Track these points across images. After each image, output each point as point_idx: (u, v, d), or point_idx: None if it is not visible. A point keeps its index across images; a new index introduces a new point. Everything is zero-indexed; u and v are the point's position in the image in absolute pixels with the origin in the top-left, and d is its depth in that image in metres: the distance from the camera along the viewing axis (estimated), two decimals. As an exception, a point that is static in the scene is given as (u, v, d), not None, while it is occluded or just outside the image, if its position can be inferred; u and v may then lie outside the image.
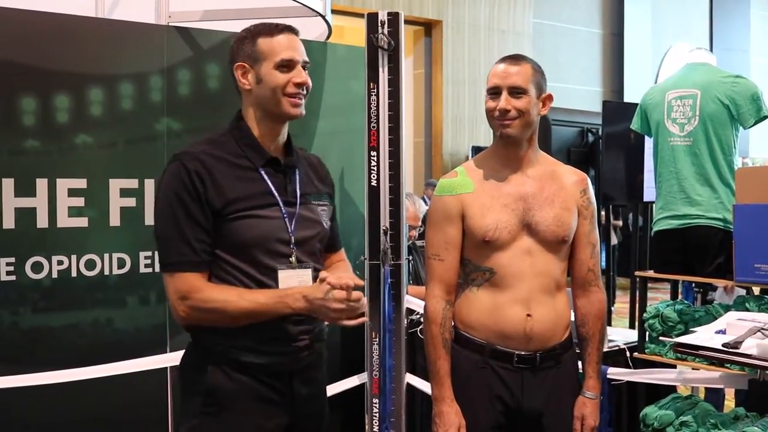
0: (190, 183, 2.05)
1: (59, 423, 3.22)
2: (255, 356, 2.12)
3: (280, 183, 2.17)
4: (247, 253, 2.10)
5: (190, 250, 2.05)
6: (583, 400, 2.52)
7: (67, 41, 3.29)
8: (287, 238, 2.14)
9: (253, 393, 2.13)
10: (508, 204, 2.44)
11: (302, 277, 2.14)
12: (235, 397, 2.11)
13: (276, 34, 2.14)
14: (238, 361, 2.11)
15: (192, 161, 2.07)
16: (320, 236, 2.25)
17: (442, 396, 2.46)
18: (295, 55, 2.14)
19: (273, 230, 2.12)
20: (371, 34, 3.69)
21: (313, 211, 2.24)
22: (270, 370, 2.14)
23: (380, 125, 3.70)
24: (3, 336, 3.15)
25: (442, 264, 2.49)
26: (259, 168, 2.15)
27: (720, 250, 3.60)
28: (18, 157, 3.18)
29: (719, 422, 3.29)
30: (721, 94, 3.67)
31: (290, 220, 2.15)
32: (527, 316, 2.42)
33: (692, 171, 3.71)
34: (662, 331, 3.55)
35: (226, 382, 2.11)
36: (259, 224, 2.10)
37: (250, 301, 2.05)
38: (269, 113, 2.16)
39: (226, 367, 2.11)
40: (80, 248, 3.30)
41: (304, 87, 2.15)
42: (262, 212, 2.11)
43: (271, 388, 2.15)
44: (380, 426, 3.77)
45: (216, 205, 2.06)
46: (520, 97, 2.40)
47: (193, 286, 2.06)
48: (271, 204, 2.13)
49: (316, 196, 2.27)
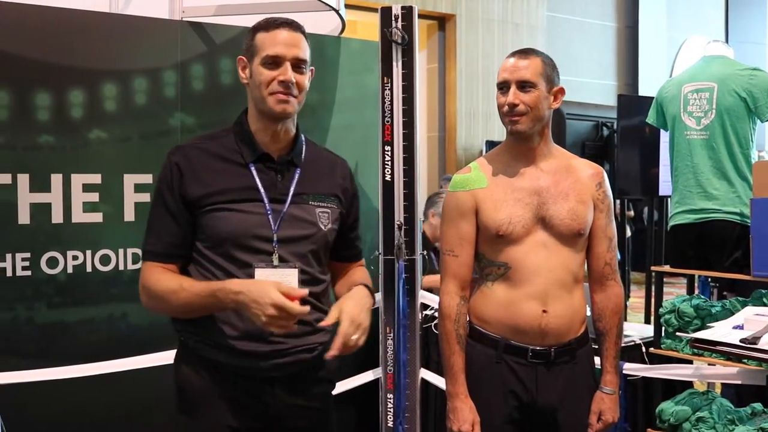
0: (169, 175, 2.09)
1: (74, 417, 3.23)
2: (226, 356, 2.07)
3: (270, 180, 2.11)
4: (222, 247, 2.07)
5: (156, 240, 2.09)
6: (600, 396, 2.51)
7: (81, 37, 3.30)
8: (269, 236, 2.07)
9: (222, 393, 2.08)
10: (522, 198, 2.43)
11: (285, 278, 2.04)
12: (200, 394, 2.09)
13: (272, 29, 2.08)
14: (209, 359, 2.09)
15: (177, 154, 2.11)
16: (314, 238, 2.15)
17: (456, 392, 2.46)
18: (283, 51, 2.06)
19: (250, 226, 2.06)
20: (385, 29, 3.68)
21: (308, 212, 2.14)
22: (241, 372, 2.08)
23: (394, 120, 3.69)
24: (19, 331, 3.17)
25: (457, 260, 2.49)
26: (249, 163, 2.10)
27: (737, 245, 3.57)
28: (33, 152, 3.19)
29: (736, 418, 3.28)
30: (738, 87, 3.64)
31: (276, 217, 2.08)
32: (543, 311, 2.40)
33: (709, 165, 3.68)
34: (678, 327, 3.53)
35: (194, 378, 2.11)
36: (235, 218, 2.05)
37: (189, 292, 2.02)
38: (259, 110, 2.12)
39: (197, 364, 2.10)
40: (95, 243, 3.31)
41: (291, 85, 2.06)
42: (240, 206, 2.06)
43: (243, 391, 2.09)
44: (395, 421, 3.77)
45: (192, 195, 2.06)
46: (529, 92, 2.39)
47: (150, 276, 2.08)
48: (252, 199, 2.08)
49: (317, 197, 2.17)
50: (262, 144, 2.14)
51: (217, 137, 2.17)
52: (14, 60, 3.15)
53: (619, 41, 14.14)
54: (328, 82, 3.90)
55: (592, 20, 13.71)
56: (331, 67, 3.91)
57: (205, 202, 2.06)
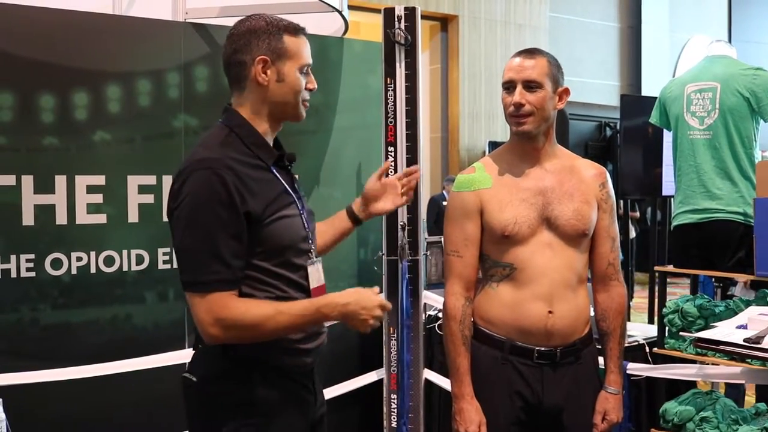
0: (226, 194, 1.88)
1: (79, 418, 3.24)
2: (291, 357, 2.04)
3: (289, 179, 2.09)
4: (282, 256, 2.00)
5: (225, 268, 1.89)
6: (605, 395, 2.51)
7: (85, 38, 3.31)
8: (306, 235, 2.08)
9: (294, 397, 2.06)
10: (527, 198, 2.43)
11: (321, 270, 2.11)
12: (278, 406, 2.01)
13: (299, 35, 2.06)
14: (280, 366, 2.02)
15: (224, 169, 1.90)
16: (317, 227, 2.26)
17: (462, 393, 2.45)
18: (310, 60, 2.08)
19: (299, 228, 2.05)
20: (388, 30, 3.69)
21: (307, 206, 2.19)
22: (304, 370, 2.09)
23: (397, 120, 3.70)
24: (23, 332, 3.18)
25: (461, 260, 2.48)
26: (271, 167, 2.04)
27: (740, 245, 3.56)
28: (37, 154, 3.20)
29: (740, 418, 3.28)
30: (741, 87, 3.63)
31: (305, 215, 2.10)
32: (549, 312, 2.40)
33: (712, 165, 3.67)
34: (682, 326, 3.53)
35: (270, 392, 2.00)
36: (290, 224, 2.01)
37: (288, 314, 1.94)
38: (280, 113, 2.06)
39: (270, 373, 2.01)
40: (99, 245, 3.31)
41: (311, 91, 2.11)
42: (287, 212, 2.01)
43: (305, 388, 2.10)
44: (398, 421, 3.77)
45: (256, 211, 1.93)
46: (535, 91, 2.38)
47: (227, 306, 1.90)
48: (291, 202, 2.04)
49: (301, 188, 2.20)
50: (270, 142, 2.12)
51: (232, 143, 2.01)
52: (18, 62, 3.16)
53: (622, 41, 14.14)
54: (332, 83, 3.91)
55: (594, 20, 13.72)
56: (335, 68, 3.92)
57: (266, 215, 1.95)
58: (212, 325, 1.90)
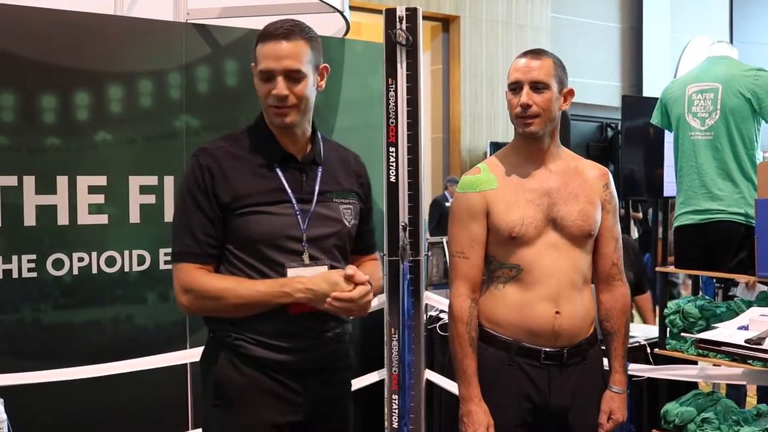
0: (200, 177, 2.09)
1: (80, 419, 3.24)
2: (263, 350, 2.11)
3: (296, 180, 2.15)
4: (255, 249, 2.10)
5: (193, 241, 2.09)
6: (610, 395, 2.51)
7: (87, 39, 3.31)
8: (299, 235, 2.12)
9: (263, 387, 2.12)
10: (533, 199, 2.42)
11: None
12: (243, 390, 2.12)
13: (268, 41, 2.08)
14: (247, 354, 2.11)
15: (205, 156, 2.11)
16: (339, 234, 2.20)
17: (470, 395, 2.43)
18: (273, 65, 2.06)
19: (282, 227, 2.10)
20: (389, 30, 3.68)
21: (333, 209, 2.19)
22: (279, 366, 2.13)
23: (399, 121, 3.70)
24: (24, 332, 3.18)
25: (467, 262, 2.47)
26: (275, 165, 2.14)
27: (742, 246, 3.56)
28: (38, 154, 3.20)
29: (741, 419, 3.27)
30: (742, 88, 3.63)
31: (304, 217, 2.13)
32: (556, 313, 2.40)
33: (713, 165, 3.67)
34: (683, 327, 3.53)
35: (236, 375, 2.12)
36: (267, 220, 2.09)
37: (250, 289, 2.07)
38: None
39: (237, 359, 2.12)
40: (100, 245, 3.31)
41: (285, 98, 2.08)
42: (270, 209, 2.10)
43: (281, 384, 2.14)
44: (399, 422, 3.77)
45: (224, 199, 2.08)
46: (542, 92, 2.38)
47: (194, 276, 2.09)
48: (282, 201, 2.12)
49: (340, 194, 2.22)
50: (284, 145, 2.17)
51: (239, 139, 2.18)
52: (20, 62, 3.16)
53: (623, 42, 14.13)
54: (333, 84, 3.90)
55: (596, 21, 13.71)
56: (336, 69, 3.92)
57: (236, 206, 2.09)
58: (180, 293, 2.12)
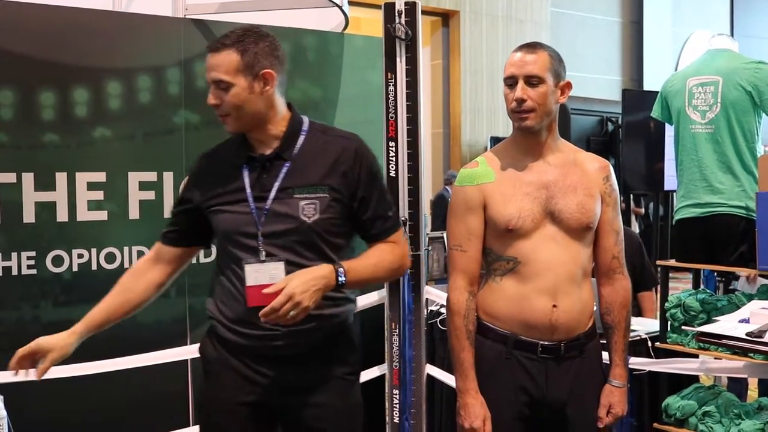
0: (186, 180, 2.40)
1: (80, 415, 3.24)
2: (230, 334, 2.27)
3: (257, 178, 2.25)
4: (221, 245, 2.32)
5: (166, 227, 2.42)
6: (610, 389, 2.50)
7: (85, 35, 3.30)
8: (254, 232, 2.21)
9: (230, 366, 2.28)
10: (530, 192, 2.42)
11: (273, 272, 2.18)
12: (216, 365, 2.31)
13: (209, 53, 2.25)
14: (219, 335, 2.30)
15: (196, 161, 2.41)
16: (298, 231, 2.20)
17: (467, 388, 2.44)
18: (210, 74, 2.22)
19: (238, 224, 2.23)
20: (388, 24, 3.68)
21: (291, 206, 2.20)
22: (245, 350, 2.26)
23: (398, 116, 3.69)
24: (24, 329, 3.17)
25: (465, 255, 2.47)
26: (241, 165, 2.26)
27: (743, 239, 3.55)
28: (37, 151, 3.20)
29: (742, 412, 3.27)
30: (743, 81, 3.62)
31: (260, 214, 2.21)
32: (553, 306, 2.39)
33: (714, 159, 3.66)
34: (684, 321, 3.52)
35: (211, 351, 2.33)
36: (226, 218, 2.26)
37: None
38: None
39: (214, 338, 2.32)
40: (100, 242, 3.31)
41: (217, 107, 2.22)
42: (229, 207, 2.25)
43: (247, 366, 2.27)
44: (401, 417, 3.77)
45: (196, 199, 2.31)
46: (537, 87, 2.37)
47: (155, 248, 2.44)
48: (240, 200, 2.24)
49: (303, 189, 2.21)
50: (255, 145, 2.28)
51: (229, 142, 2.37)
52: (18, 59, 3.16)
53: (623, 36, 14.12)
54: (332, 79, 3.90)
55: (596, 15, 13.70)
56: (335, 64, 3.91)
57: (205, 205, 2.29)
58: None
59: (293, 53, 3.75)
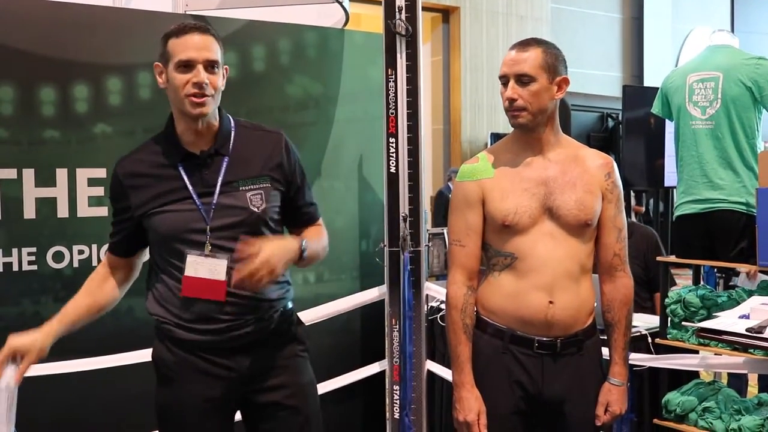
0: (114, 189, 2.37)
1: (80, 411, 3.24)
2: (186, 333, 2.29)
3: (197, 175, 2.28)
4: (164, 245, 2.30)
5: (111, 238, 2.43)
6: (608, 387, 2.50)
7: (85, 31, 3.30)
8: (202, 228, 2.25)
9: (191, 365, 2.30)
10: (529, 188, 2.42)
11: (214, 267, 2.24)
12: (173, 368, 2.33)
13: (182, 35, 2.23)
14: (175, 337, 2.31)
15: (119, 168, 2.36)
16: (247, 221, 2.28)
17: (462, 381, 2.46)
18: (194, 54, 2.20)
19: (185, 221, 2.25)
20: (389, 20, 3.67)
21: (238, 198, 2.28)
22: (204, 346, 2.29)
23: (398, 112, 3.69)
24: (25, 325, 3.14)
25: (464, 250, 2.48)
26: (177, 164, 2.28)
27: (743, 235, 3.55)
28: (38, 147, 3.20)
29: (742, 408, 3.27)
30: (743, 77, 3.62)
31: (207, 209, 2.25)
32: (549, 302, 2.40)
33: (714, 155, 3.66)
34: (684, 317, 3.52)
35: (167, 354, 2.34)
36: (170, 218, 2.26)
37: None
38: (179, 111, 2.29)
39: (167, 341, 2.33)
40: (101, 237, 3.30)
41: (205, 86, 2.21)
42: (173, 207, 2.26)
43: (209, 362, 2.30)
44: (401, 413, 3.77)
45: (136, 204, 2.29)
46: (528, 85, 2.37)
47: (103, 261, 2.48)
48: (184, 198, 2.26)
49: (247, 181, 2.30)
50: (188, 143, 2.31)
51: (149, 145, 2.37)
52: (19, 55, 3.15)
53: (624, 32, 14.10)
54: (333, 75, 3.90)
55: (597, 11, 13.68)
56: (335, 60, 3.91)
57: (142, 210, 2.28)
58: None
59: (293, 49, 3.75)
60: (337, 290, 3.86)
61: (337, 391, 3.74)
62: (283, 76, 3.72)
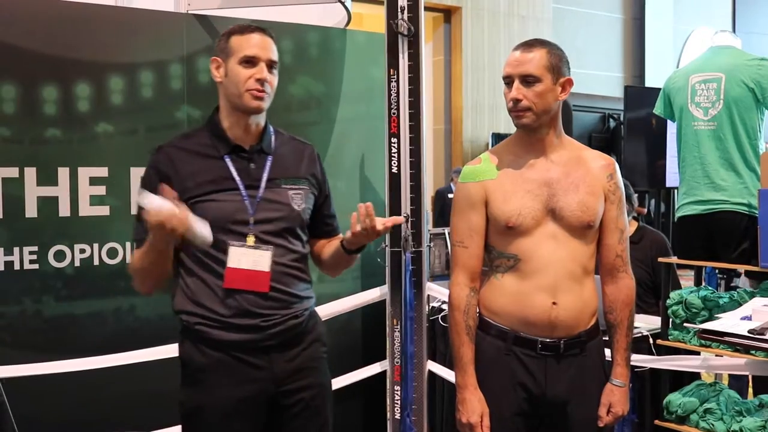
0: (149, 173, 2.35)
1: (82, 410, 3.24)
2: (222, 332, 2.29)
3: (243, 168, 2.34)
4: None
5: (142, 230, 2.26)
6: (610, 388, 2.49)
7: (88, 30, 3.30)
8: (246, 219, 2.30)
9: (224, 367, 2.30)
10: (532, 190, 2.42)
11: (259, 258, 2.28)
12: (204, 369, 2.32)
13: (246, 33, 2.33)
14: (207, 337, 2.30)
15: (158, 153, 2.36)
16: (288, 218, 2.36)
17: (465, 383, 2.45)
18: (259, 52, 2.31)
19: (229, 212, 2.29)
20: (391, 20, 3.68)
21: (281, 194, 2.37)
22: (240, 346, 2.30)
23: (400, 111, 3.69)
24: (27, 324, 3.18)
25: (467, 251, 2.48)
26: (224, 155, 2.34)
27: (745, 236, 3.55)
28: (40, 146, 3.20)
29: (744, 409, 3.27)
30: (746, 78, 3.62)
31: (252, 202, 2.31)
32: (552, 304, 2.39)
33: (716, 156, 3.66)
34: (686, 318, 3.52)
35: (198, 356, 2.32)
36: (215, 207, 2.28)
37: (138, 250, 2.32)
38: (234, 105, 2.35)
39: (199, 342, 2.32)
40: (102, 236, 3.31)
41: (265, 83, 2.31)
42: (219, 196, 2.29)
43: (243, 362, 2.31)
44: (402, 413, 3.77)
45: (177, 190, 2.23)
46: (533, 86, 2.37)
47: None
48: (230, 188, 2.31)
49: (289, 180, 2.40)
50: (235, 137, 2.37)
51: (193, 135, 2.43)
52: (21, 53, 3.16)
53: (625, 33, 14.08)
54: (335, 75, 3.89)
55: (598, 12, 13.66)
56: (337, 60, 3.91)
57: (187, 196, 2.27)
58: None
59: (295, 49, 3.75)
60: (338, 290, 3.86)
61: (338, 391, 3.72)
62: (285, 75, 3.71)
